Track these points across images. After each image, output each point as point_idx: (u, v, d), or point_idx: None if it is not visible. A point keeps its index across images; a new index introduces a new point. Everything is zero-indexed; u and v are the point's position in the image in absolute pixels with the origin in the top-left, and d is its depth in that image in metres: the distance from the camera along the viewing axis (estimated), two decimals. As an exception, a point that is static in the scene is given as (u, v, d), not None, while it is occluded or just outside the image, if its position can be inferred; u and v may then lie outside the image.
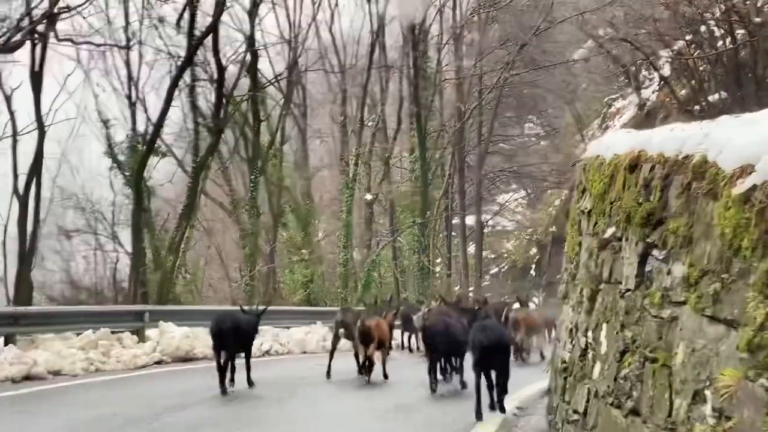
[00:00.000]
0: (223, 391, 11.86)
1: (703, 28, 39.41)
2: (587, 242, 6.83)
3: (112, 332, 16.66)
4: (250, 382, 12.64)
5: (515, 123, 52.87)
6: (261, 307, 13.82)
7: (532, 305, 22.27)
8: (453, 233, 42.42)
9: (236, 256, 37.89)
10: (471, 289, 40.18)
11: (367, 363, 13.43)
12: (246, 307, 13.97)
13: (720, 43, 37.18)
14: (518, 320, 17.65)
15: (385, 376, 13.80)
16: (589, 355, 6.26)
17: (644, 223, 5.09)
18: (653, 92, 50.21)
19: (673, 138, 5.09)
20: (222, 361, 12.02)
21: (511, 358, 10.98)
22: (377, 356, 13.58)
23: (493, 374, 9.65)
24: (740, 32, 34.68)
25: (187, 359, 17.37)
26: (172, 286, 25.85)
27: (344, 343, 15.77)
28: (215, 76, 26.63)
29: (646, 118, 50.55)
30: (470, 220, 44.94)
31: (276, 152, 33.88)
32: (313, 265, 34.54)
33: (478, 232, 42.07)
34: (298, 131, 37.64)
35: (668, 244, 4.71)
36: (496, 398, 9.65)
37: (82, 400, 11.70)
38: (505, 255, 62.87)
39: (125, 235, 31.10)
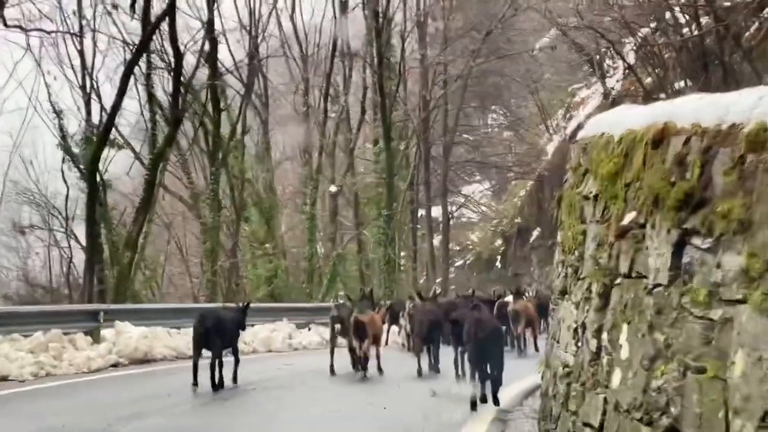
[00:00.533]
0: (195, 384, 11.70)
1: (668, 14, 39.14)
2: (594, 231, 6.02)
3: (65, 333, 15.58)
4: (235, 379, 12.45)
5: (480, 113, 52.26)
6: (243, 304, 13.65)
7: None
8: (418, 225, 41.69)
9: (198, 252, 36.83)
10: (439, 281, 39.48)
11: (361, 358, 13.38)
12: (230, 305, 14.18)
13: (686, 29, 36.94)
14: (518, 311, 17.32)
15: (380, 371, 13.66)
16: (604, 360, 5.44)
17: (679, 206, 4.28)
18: (618, 81, 49.88)
19: (711, 105, 4.29)
20: (210, 359, 11.84)
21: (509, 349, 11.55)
22: (371, 351, 13.48)
23: (488, 366, 9.62)
24: (705, 19, 34.42)
25: (145, 361, 16.35)
26: (130, 284, 24.74)
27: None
28: (172, 64, 25.51)
29: (611, 107, 50.13)
30: (435, 212, 44.27)
31: (237, 144, 32.77)
32: (277, 260, 33.61)
33: (445, 223, 41.39)
34: (259, 122, 36.55)
35: (715, 230, 3.91)
36: (490, 390, 9.66)
37: (29, 409, 10.71)
38: (470, 247, 62.31)
39: (82, 231, 29.92)
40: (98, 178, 24.81)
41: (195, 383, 11.70)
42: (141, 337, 16.60)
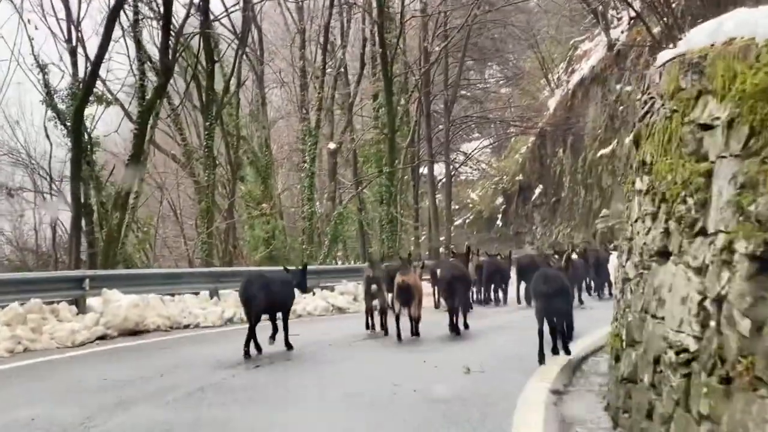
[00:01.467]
0: (246, 353, 11.14)
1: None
2: (733, 168, 4.33)
3: (46, 303, 13.90)
4: (288, 345, 11.85)
5: (480, 68, 50.28)
6: (302, 266, 13.05)
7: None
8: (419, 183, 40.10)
9: (192, 213, 35.17)
10: (442, 239, 37.96)
11: (411, 321, 12.65)
12: (291, 268, 12.91)
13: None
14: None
15: (417, 333, 12.77)
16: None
17: None
18: (623, 32, 48.07)
19: None
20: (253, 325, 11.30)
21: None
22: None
23: (556, 320, 9.95)
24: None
25: (136, 332, 14.69)
26: (121, 247, 23.02)
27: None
28: (161, 9, 23.56)
29: (616, 59, 48.60)
30: (435, 169, 42.64)
31: (231, 99, 30.85)
32: (275, 220, 31.97)
33: (447, 181, 39.77)
34: (254, 77, 34.67)
35: None
36: (561, 344, 10.05)
37: (-4, 395, 9.06)
38: (470, 205, 60.98)
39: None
40: (84, 136, 23.01)
41: (247, 353, 11.17)
42: (131, 305, 14.90)
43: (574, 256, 17.74)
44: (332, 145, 33.87)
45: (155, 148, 30.41)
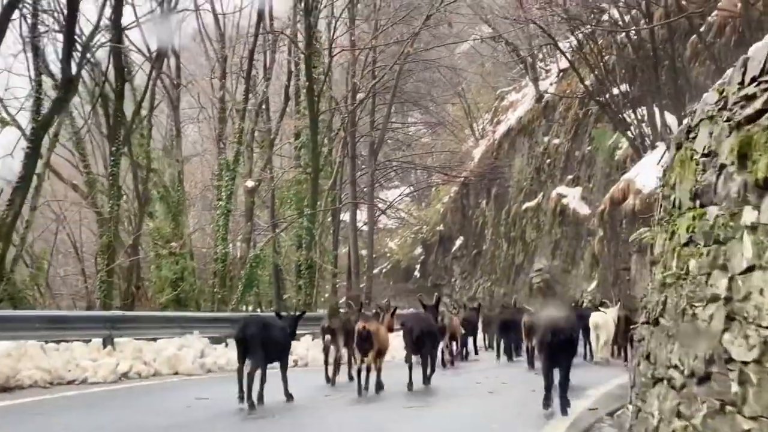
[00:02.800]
0: (241, 398, 9.93)
1: (606, 16, 36.19)
2: None
3: None
4: (288, 395, 10.73)
5: (407, 113, 48.28)
6: (298, 312, 12.34)
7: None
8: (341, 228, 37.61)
9: (96, 249, 31.80)
10: (362, 286, 35.42)
11: (365, 372, 11.24)
12: (282, 313, 11.88)
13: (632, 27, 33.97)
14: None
15: (381, 386, 11.51)
16: None
17: None
18: (551, 84, 46.89)
19: None
20: (247, 372, 10.06)
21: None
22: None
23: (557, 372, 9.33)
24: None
25: (6, 389, 11.74)
26: (6, 282, 19.80)
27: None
28: (64, 13, 20.67)
29: (544, 111, 47.34)
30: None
31: (142, 123, 27.86)
32: (184, 261, 28.93)
33: (370, 227, 37.34)
34: (169, 107, 31.78)
35: None
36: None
37: None
38: (388, 255, 58.75)
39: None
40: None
41: (241, 397, 10.02)
42: (2, 354, 11.94)
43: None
44: (250, 183, 31.17)
45: (53, 173, 27.06)
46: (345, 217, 40.53)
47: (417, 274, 57.40)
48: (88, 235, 34.13)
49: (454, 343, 17.88)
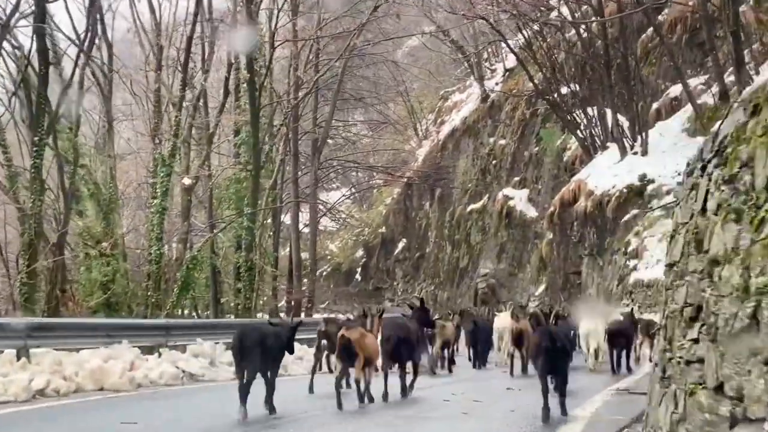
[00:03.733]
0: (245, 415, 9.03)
1: (565, 9, 35.15)
2: None
3: None
4: (271, 408, 9.66)
5: (350, 111, 46.67)
6: (295, 320, 11.86)
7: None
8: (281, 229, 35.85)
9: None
10: (304, 289, 33.73)
11: (360, 384, 10.20)
12: (275, 320, 11.77)
13: (582, 28, 33.00)
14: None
15: (361, 400, 10.17)
16: None
17: None
18: (497, 83, 45.86)
19: None
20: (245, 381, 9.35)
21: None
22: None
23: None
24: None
25: None
26: None
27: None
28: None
29: (489, 111, 46.27)
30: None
31: (69, 112, 25.73)
32: (116, 262, 26.91)
33: (313, 227, 35.55)
34: (100, 97, 29.69)
35: None
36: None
37: None
38: (329, 257, 57.17)
39: None
40: None
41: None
42: None
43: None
44: (187, 181, 29.25)
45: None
46: (286, 219, 38.81)
47: (358, 277, 55.99)
48: (15, 234, 31.86)
49: (446, 350, 16.51)
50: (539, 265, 36.27)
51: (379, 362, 11.16)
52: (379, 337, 11.03)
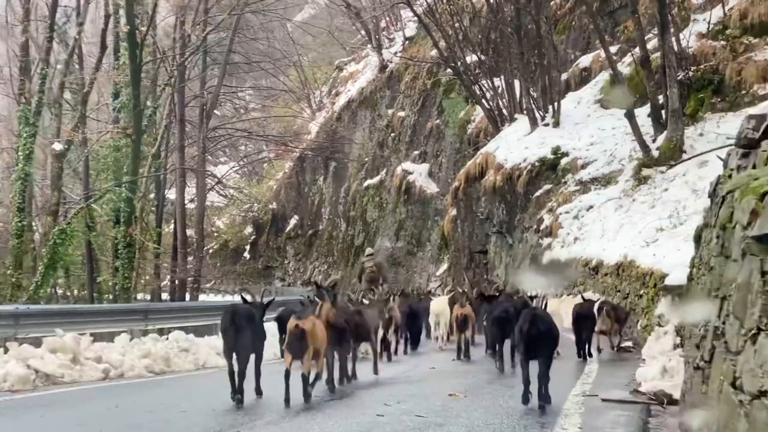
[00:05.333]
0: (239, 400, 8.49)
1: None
2: None
3: None
4: (259, 391, 9.11)
5: (241, 78, 43.25)
6: (266, 298, 9.96)
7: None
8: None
9: None
10: (190, 268, 30.63)
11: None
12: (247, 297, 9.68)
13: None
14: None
15: (307, 396, 8.63)
16: None
17: None
18: (396, 53, 43.35)
19: None
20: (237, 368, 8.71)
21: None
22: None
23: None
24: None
25: None
26: None
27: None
28: None
29: (388, 82, 43.79)
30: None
31: None
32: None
33: (200, 201, 32.18)
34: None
35: None
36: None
37: None
38: (216, 234, 53.93)
39: None
40: None
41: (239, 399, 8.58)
42: None
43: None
44: (58, 146, 25.78)
45: None
46: (171, 194, 35.42)
47: (247, 255, 53.23)
48: None
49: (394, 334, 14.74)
50: (440, 243, 34.22)
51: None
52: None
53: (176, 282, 29.88)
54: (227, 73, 34.29)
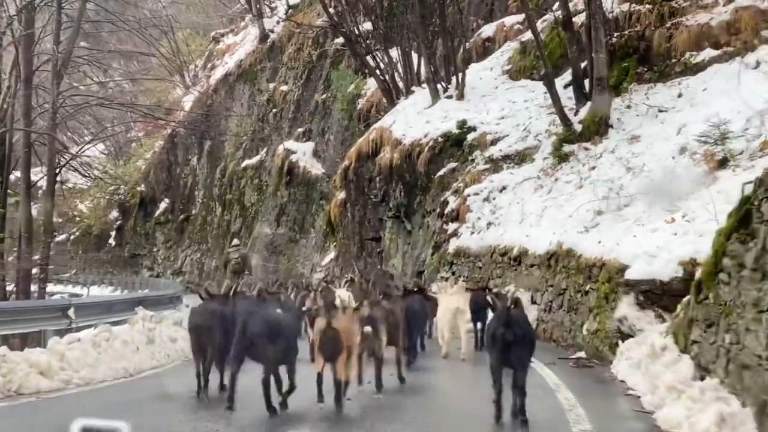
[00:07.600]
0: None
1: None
2: None
3: None
4: (223, 386, 8.59)
5: (103, 41, 38.27)
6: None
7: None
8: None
9: None
10: (36, 258, 26.12)
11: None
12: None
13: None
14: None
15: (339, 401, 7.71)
16: None
17: None
18: (278, 22, 39.57)
19: None
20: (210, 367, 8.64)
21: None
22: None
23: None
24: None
25: None
26: None
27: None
28: None
29: (269, 54, 40.01)
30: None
31: None
32: None
33: (50, 180, 27.48)
34: None
35: None
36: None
37: None
38: (77, 219, 49.15)
39: None
40: None
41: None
42: None
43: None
44: None
45: None
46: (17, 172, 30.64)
47: (112, 242, 48.93)
48: None
49: None
50: (326, 230, 30.87)
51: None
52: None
53: (19, 271, 25.28)
54: (89, 33, 29.80)
